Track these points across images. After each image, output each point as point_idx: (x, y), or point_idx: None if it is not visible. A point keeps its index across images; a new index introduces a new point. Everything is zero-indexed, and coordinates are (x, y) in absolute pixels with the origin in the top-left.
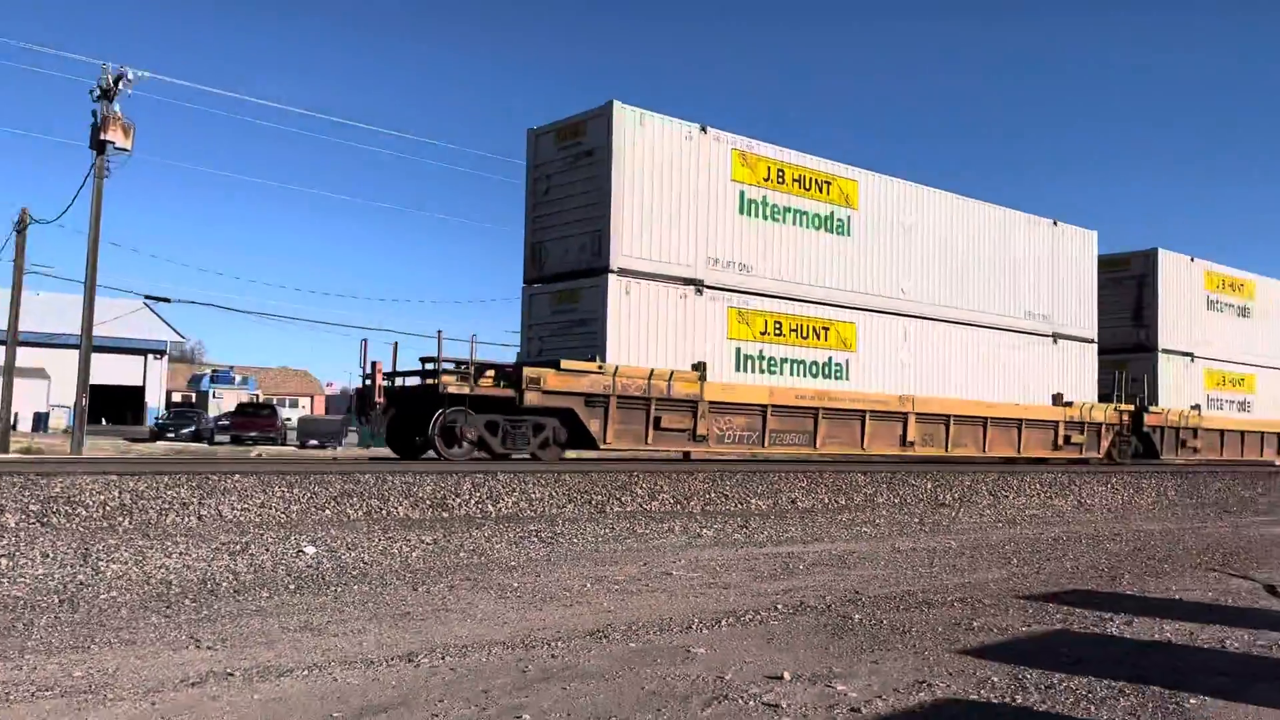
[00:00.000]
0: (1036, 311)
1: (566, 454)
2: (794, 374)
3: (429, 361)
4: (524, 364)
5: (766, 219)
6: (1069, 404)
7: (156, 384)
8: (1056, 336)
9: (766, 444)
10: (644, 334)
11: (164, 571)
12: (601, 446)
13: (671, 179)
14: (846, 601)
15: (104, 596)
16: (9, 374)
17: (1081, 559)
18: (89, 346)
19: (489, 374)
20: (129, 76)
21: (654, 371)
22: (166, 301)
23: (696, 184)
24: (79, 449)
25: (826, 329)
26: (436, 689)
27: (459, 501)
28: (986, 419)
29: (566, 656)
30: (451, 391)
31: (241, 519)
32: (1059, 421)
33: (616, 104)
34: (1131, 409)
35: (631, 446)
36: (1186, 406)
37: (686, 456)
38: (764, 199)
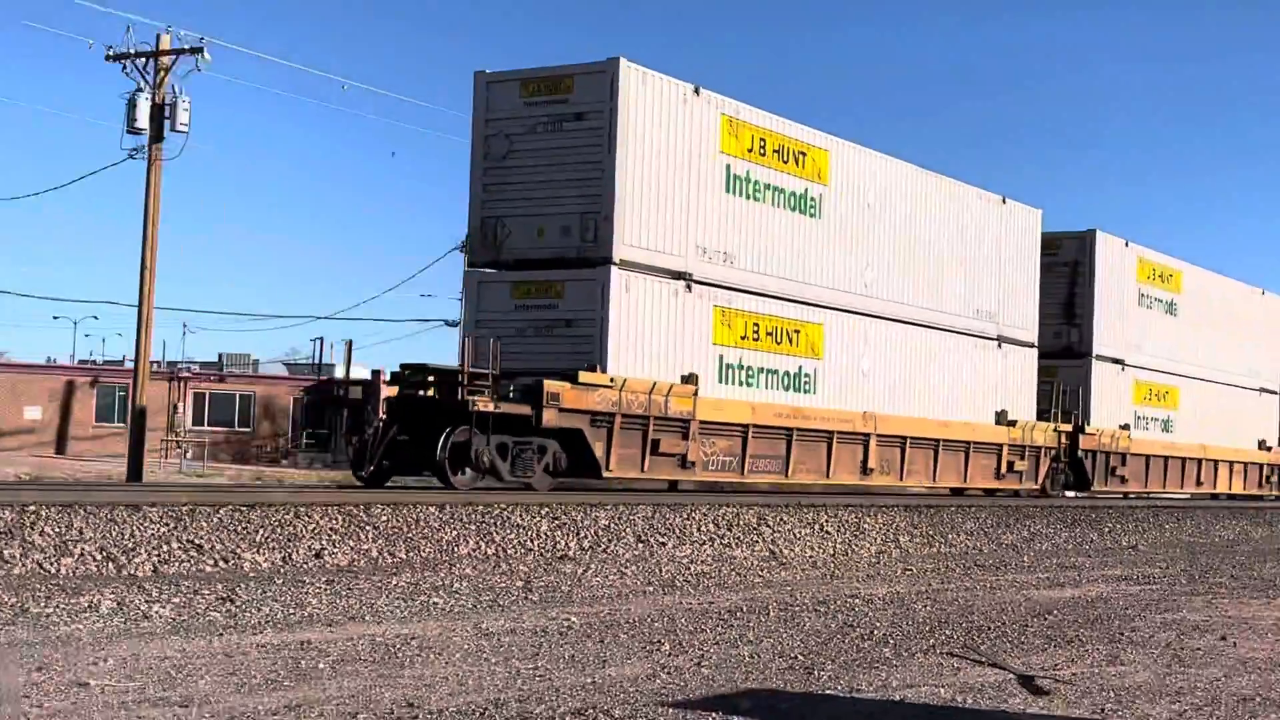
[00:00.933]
0: (985, 309)
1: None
2: (768, 386)
3: (428, 371)
4: (544, 376)
5: (749, 198)
6: (1013, 423)
7: None
8: (1001, 340)
9: (745, 471)
10: (639, 339)
11: None
12: (605, 474)
13: (667, 151)
14: None
15: None
16: None
17: (766, 641)
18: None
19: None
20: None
21: (655, 385)
22: None
23: (690, 157)
24: None
25: (798, 332)
26: None
27: None
28: (939, 442)
29: None
30: (480, 409)
31: None
32: (1003, 445)
33: (623, 61)
34: (1069, 429)
35: (630, 475)
36: (1116, 426)
37: (673, 486)
38: (748, 175)
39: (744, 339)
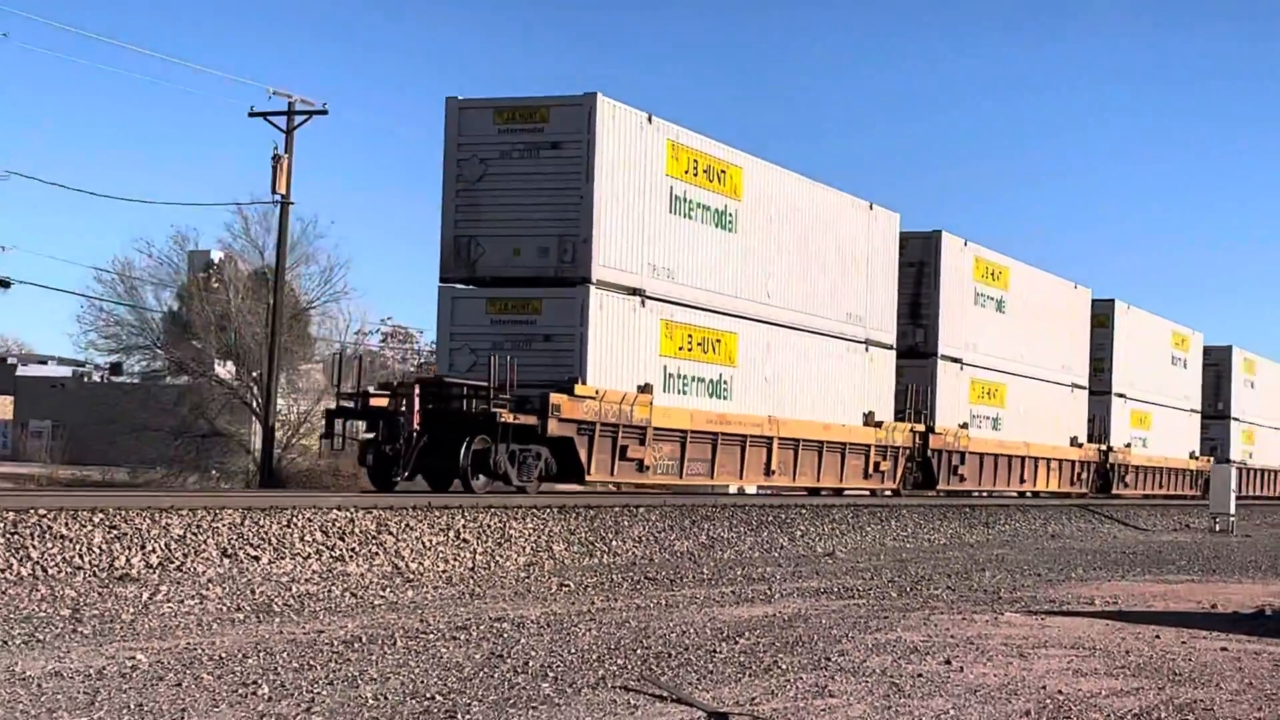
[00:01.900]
0: (856, 314)
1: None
2: (697, 394)
3: (442, 384)
4: (559, 389)
5: (685, 217)
6: (879, 424)
7: None
8: (868, 343)
9: (684, 474)
10: (609, 353)
11: None
12: (587, 478)
13: (627, 176)
14: None
15: None
16: None
17: (394, 680)
18: None
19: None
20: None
21: (624, 395)
22: None
23: (644, 181)
24: None
25: (719, 341)
26: None
27: None
28: (823, 444)
29: None
30: (504, 420)
31: None
32: (871, 446)
33: (601, 96)
34: (923, 429)
35: (603, 477)
36: (956, 425)
37: (616, 489)
38: (685, 195)
39: (681, 349)
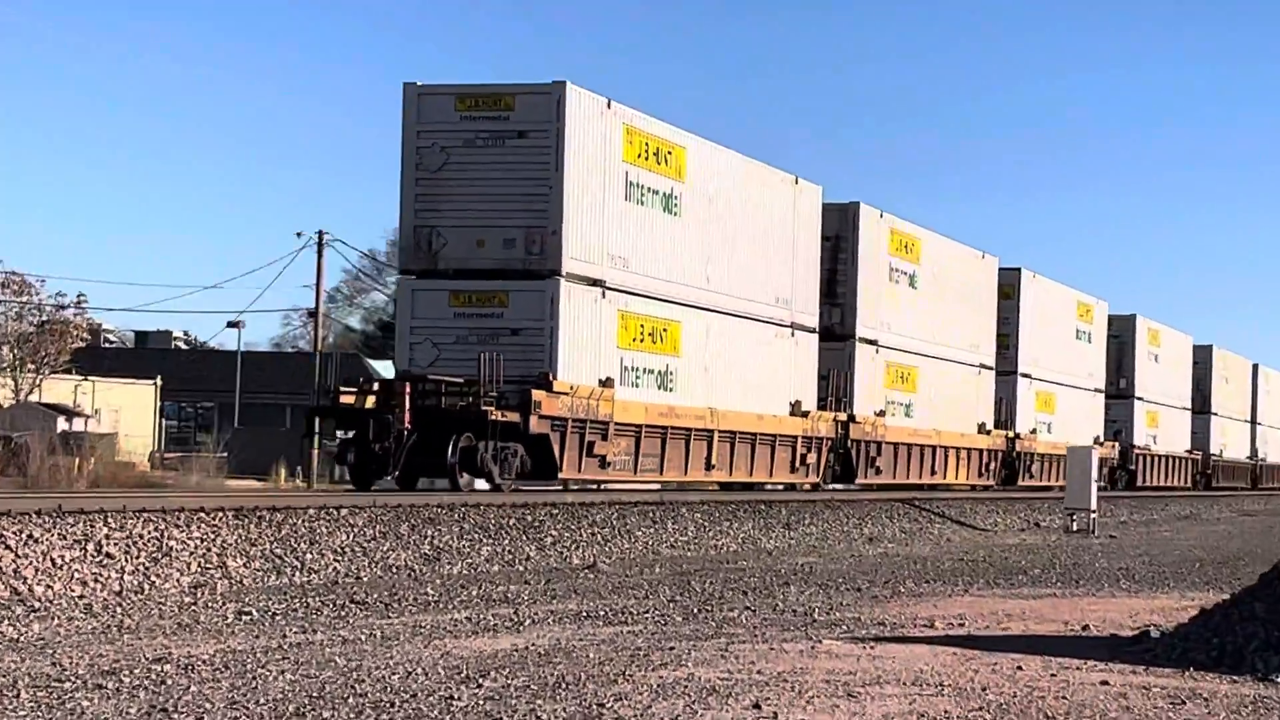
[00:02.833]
0: (783, 297)
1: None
2: (647, 386)
3: (429, 382)
4: (531, 385)
5: (639, 203)
6: (805, 414)
7: None
8: (794, 327)
9: (637, 469)
10: (576, 346)
11: None
12: (560, 475)
13: (590, 165)
14: None
15: None
16: None
17: None
18: None
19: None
20: None
21: (591, 390)
22: None
23: (604, 168)
24: None
25: (665, 330)
26: None
27: None
28: (755, 435)
29: None
30: (494, 419)
31: None
32: (798, 437)
33: (570, 85)
34: (845, 418)
35: (573, 475)
36: (873, 412)
37: (567, 487)
38: (638, 180)
39: (635, 341)
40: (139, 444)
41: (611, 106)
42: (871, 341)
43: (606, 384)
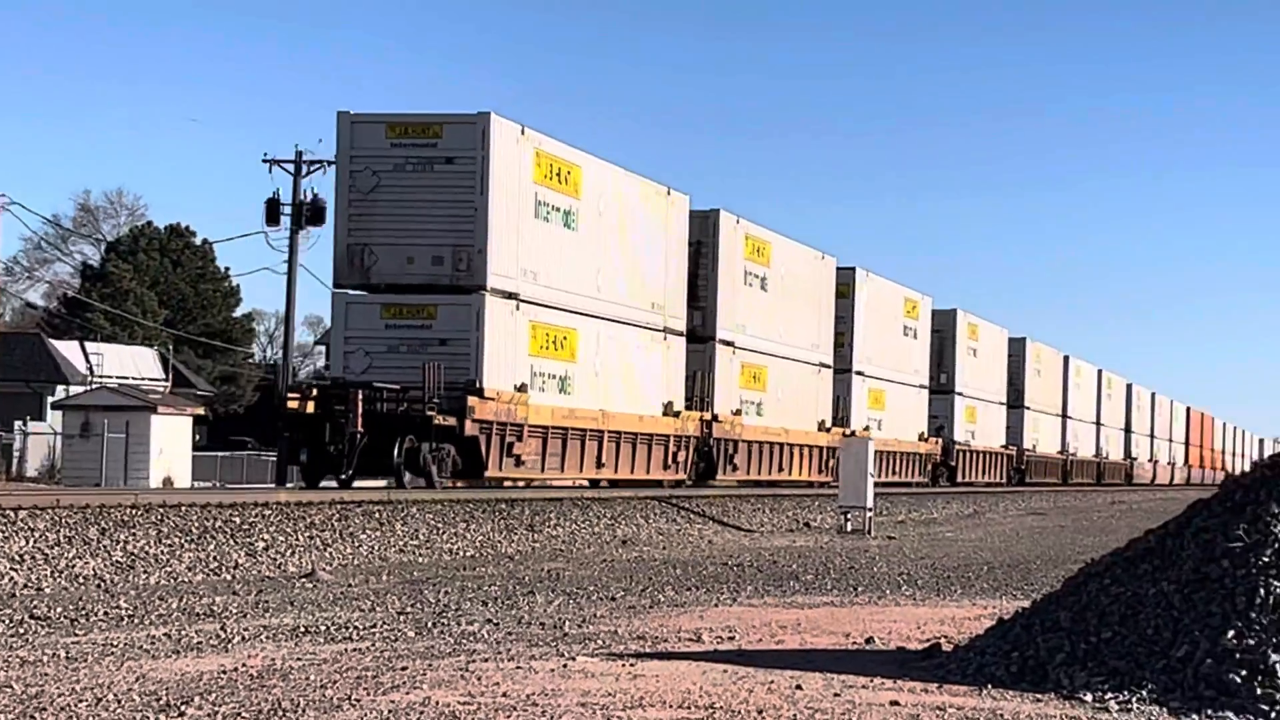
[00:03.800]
0: (659, 303)
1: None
2: (550, 390)
3: (376, 389)
4: (462, 391)
5: (545, 220)
6: (677, 414)
7: None
8: (667, 331)
9: (544, 468)
10: (497, 355)
11: None
12: (486, 474)
13: (508, 186)
14: None
15: None
16: None
17: None
18: None
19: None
20: None
21: (512, 396)
22: None
23: (518, 189)
24: None
25: (565, 338)
26: None
27: None
28: (637, 435)
29: None
30: (436, 423)
31: None
32: (670, 435)
33: (494, 115)
34: (709, 417)
35: (496, 474)
36: (730, 411)
37: (499, 484)
38: (544, 199)
39: (542, 348)
40: None
41: (525, 133)
42: (729, 343)
43: (521, 389)
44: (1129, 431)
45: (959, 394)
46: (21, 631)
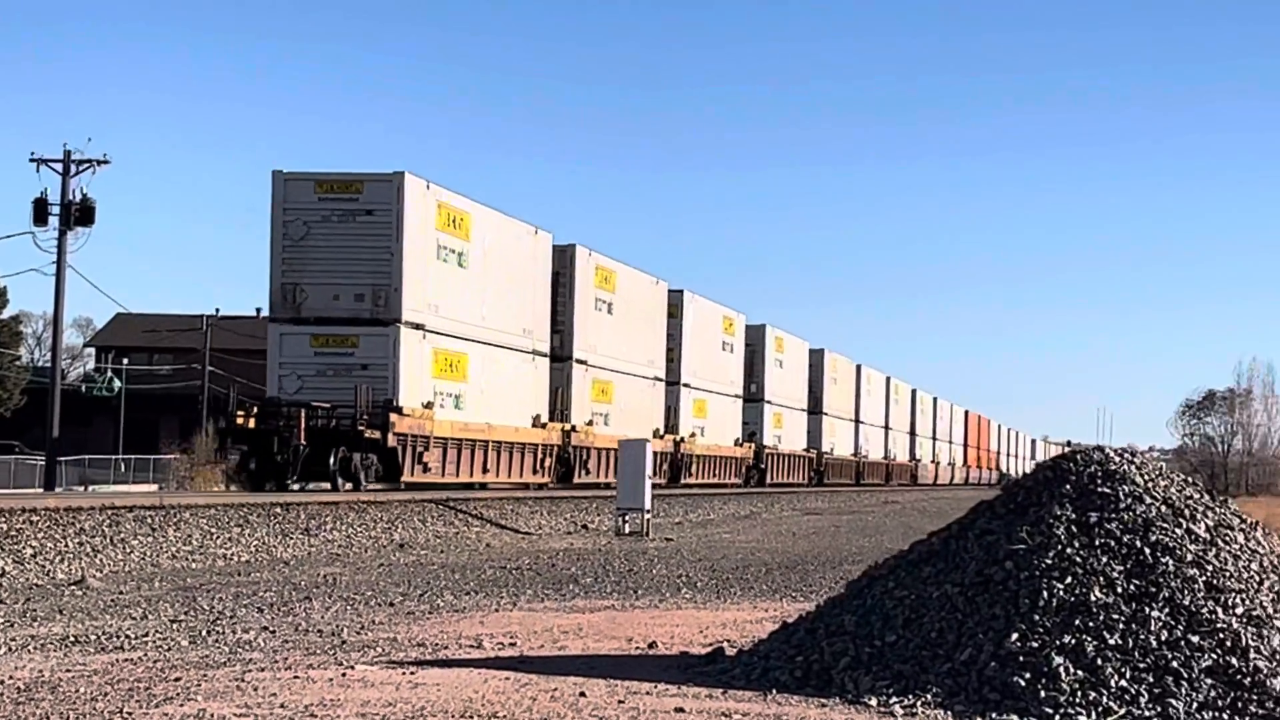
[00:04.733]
0: (529, 328)
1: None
2: (448, 407)
3: (312, 407)
4: (382, 409)
5: (444, 261)
6: (544, 425)
7: None
8: (535, 353)
9: (444, 474)
10: (408, 377)
11: None
12: (402, 480)
13: (415, 233)
14: None
15: None
16: None
17: None
18: None
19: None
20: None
21: (422, 412)
22: None
23: (424, 235)
24: None
25: (459, 362)
26: None
27: None
28: (514, 445)
29: None
30: (366, 436)
31: None
32: (540, 444)
33: (408, 174)
34: (569, 427)
35: (412, 479)
36: (584, 422)
37: (412, 487)
38: (444, 243)
39: (442, 371)
40: None
41: (429, 187)
42: (584, 362)
43: (428, 407)
44: (914, 434)
45: (768, 402)
46: None
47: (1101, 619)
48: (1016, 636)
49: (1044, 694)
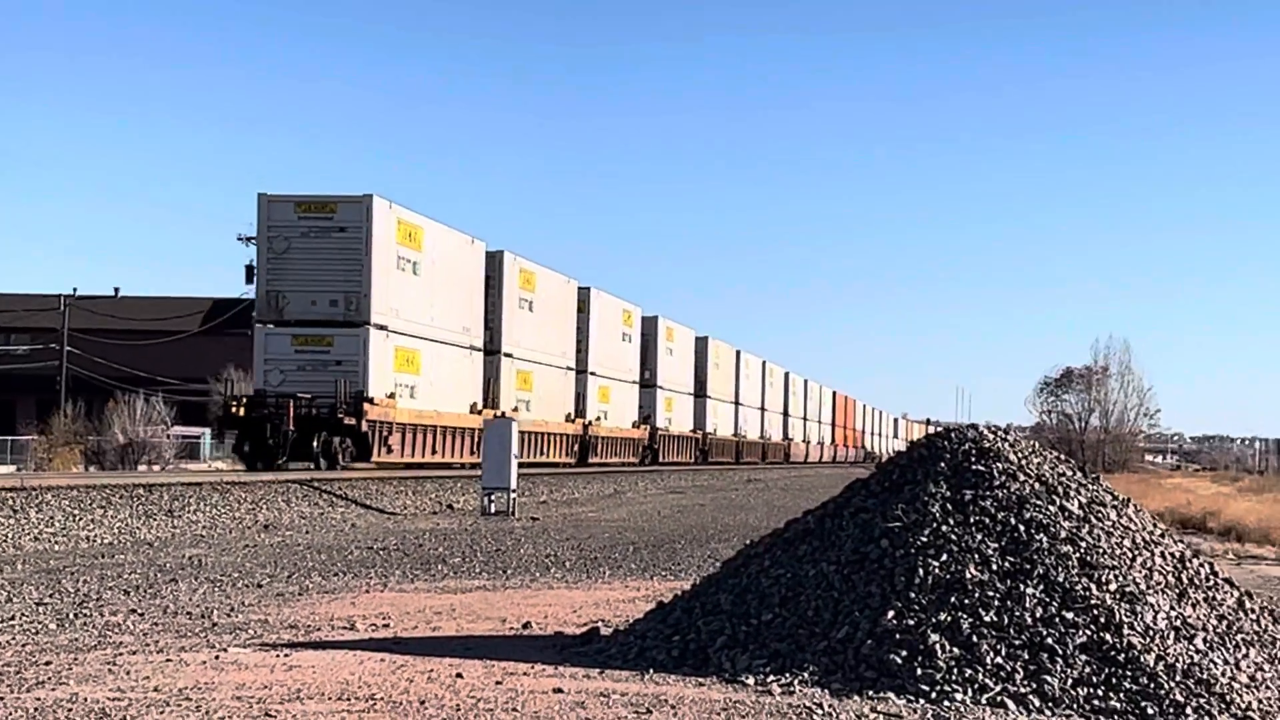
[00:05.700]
0: (468, 326)
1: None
2: (405, 397)
3: (271, 399)
4: (354, 399)
5: (401, 270)
6: (479, 412)
7: None
8: (471, 348)
9: (403, 454)
10: (375, 372)
11: None
12: (373, 459)
13: (380, 247)
14: None
15: None
16: None
17: None
18: None
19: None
20: None
21: (387, 402)
22: None
23: (387, 249)
24: None
25: (413, 357)
26: None
27: None
28: (457, 429)
29: None
30: (345, 423)
31: None
32: (476, 429)
33: (375, 196)
34: (500, 413)
35: (381, 459)
36: (510, 408)
37: (380, 466)
38: (402, 255)
39: (400, 366)
40: None
41: (392, 206)
42: (510, 355)
43: (391, 397)
44: (787, 415)
45: (660, 387)
46: None
47: (977, 596)
48: (893, 614)
49: (920, 671)
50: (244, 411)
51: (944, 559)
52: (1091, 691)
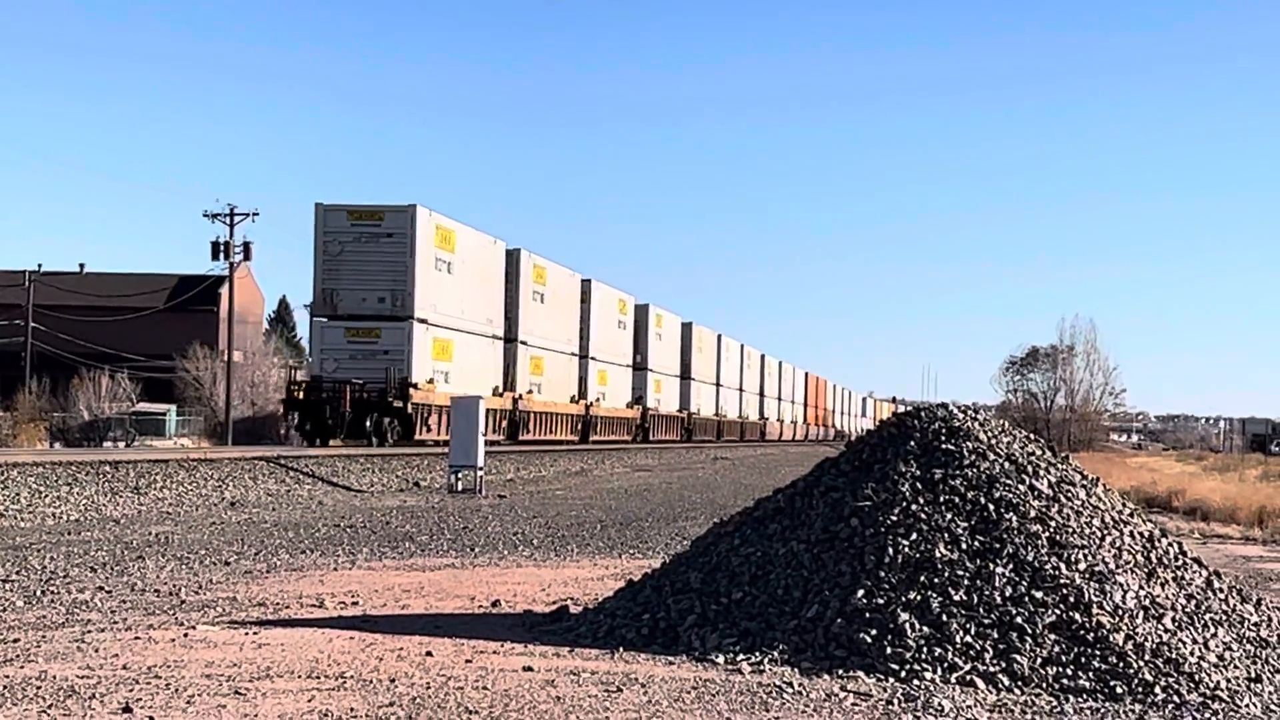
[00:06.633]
0: (492, 318)
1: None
2: (440, 383)
3: (334, 384)
4: (400, 385)
5: (438, 270)
6: (502, 395)
7: None
8: (494, 337)
9: (439, 434)
10: (417, 360)
11: None
12: (416, 437)
13: (420, 250)
14: None
15: None
16: None
17: None
18: None
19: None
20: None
21: (427, 387)
22: None
23: (426, 251)
24: None
25: (447, 347)
26: None
27: None
28: (488, 410)
29: None
30: (395, 405)
31: None
32: (499, 410)
33: (419, 206)
34: (517, 396)
35: (422, 437)
36: (525, 391)
37: (421, 444)
38: (439, 256)
39: (436, 355)
40: None
41: (431, 214)
42: (525, 343)
43: (430, 382)
44: (763, 395)
45: (651, 370)
46: None
47: (947, 575)
48: (863, 593)
49: (890, 650)
50: (304, 395)
51: (914, 538)
52: (1061, 670)
